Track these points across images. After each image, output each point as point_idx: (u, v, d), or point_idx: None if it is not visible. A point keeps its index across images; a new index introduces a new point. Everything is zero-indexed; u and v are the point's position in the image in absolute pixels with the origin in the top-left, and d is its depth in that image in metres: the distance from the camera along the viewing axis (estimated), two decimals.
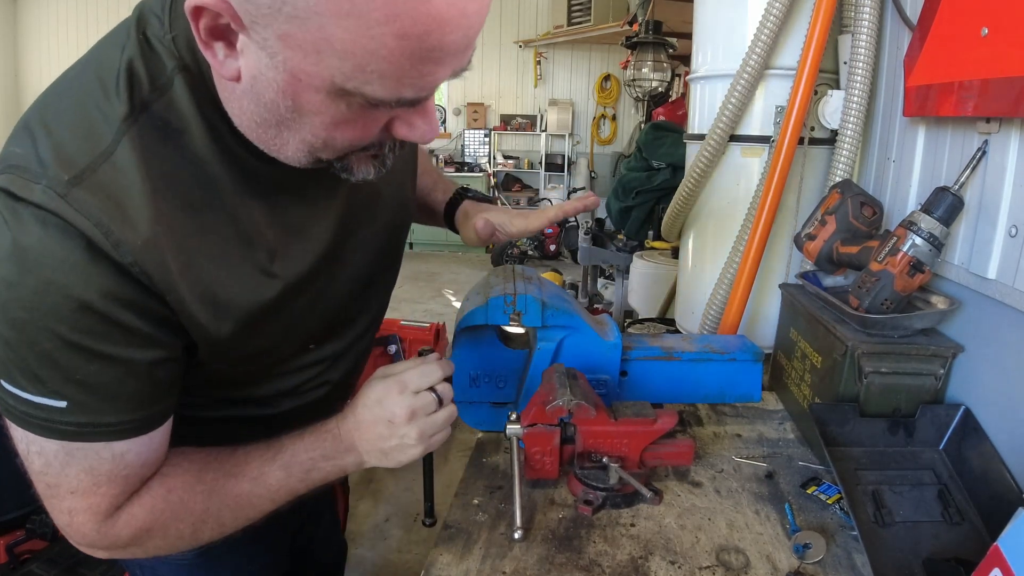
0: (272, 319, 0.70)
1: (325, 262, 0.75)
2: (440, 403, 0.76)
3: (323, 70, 0.49)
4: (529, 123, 8.26)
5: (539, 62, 8.12)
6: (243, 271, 0.66)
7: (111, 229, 0.55)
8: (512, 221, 0.99)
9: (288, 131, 0.57)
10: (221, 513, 0.70)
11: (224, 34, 0.51)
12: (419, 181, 1.04)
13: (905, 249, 0.94)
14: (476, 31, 0.51)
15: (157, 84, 0.59)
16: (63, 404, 0.58)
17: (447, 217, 1.08)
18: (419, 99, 0.55)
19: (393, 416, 0.73)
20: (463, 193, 1.08)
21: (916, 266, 0.94)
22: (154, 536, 0.68)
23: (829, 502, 0.90)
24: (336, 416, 0.77)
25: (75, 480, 0.61)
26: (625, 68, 5.22)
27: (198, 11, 0.49)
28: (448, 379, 0.79)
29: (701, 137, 1.53)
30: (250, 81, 0.53)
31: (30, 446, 0.60)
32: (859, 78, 1.28)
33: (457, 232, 1.07)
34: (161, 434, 0.66)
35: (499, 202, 7.73)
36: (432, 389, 0.76)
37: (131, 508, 0.66)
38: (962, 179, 0.94)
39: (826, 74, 1.41)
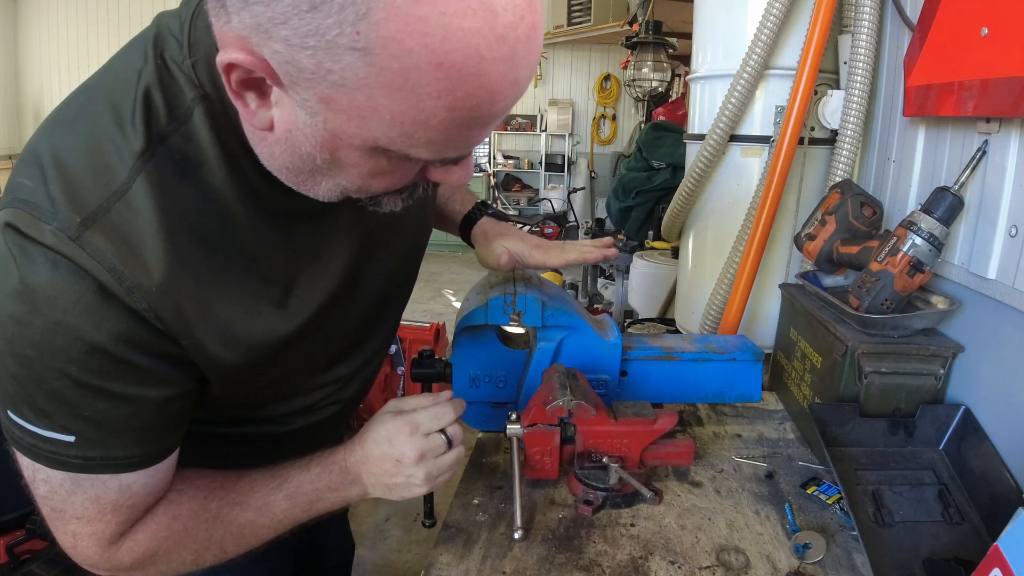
0: (287, 351, 0.69)
1: (342, 290, 0.73)
2: (449, 444, 0.76)
3: (367, 133, 0.48)
4: (529, 123, 8.25)
5: (539, 62, 8.12)
6: (259, 308, 0.64)
7: (124, 275, 0.53)
8: (531, 253, 1.02)
9: (323, 177, 0.56)
10: (224, 540, 0.70)
11: (258, 85, 0.49)
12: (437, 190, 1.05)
13: (905, 249, 0.94)
14: (523, 93, 0.51)
15: (176, 115, 0.56)
16: (71, 439, 0.57)
17: (463, 229, 1.09)
18: (461, 157, 0.56)
19: (402, 456, 0.73)
20: (482, 209, 1.09)
21: (916, 266, 0.94)
22: (157, 562, 0.67)
23: (829, 502, 0.90)
24: (344, 446, 0.76)
25: (80, 508, 0.61)
26: (625, 68, 5.22)
27: (231, 67, 0.47)
28: (459, 418, 0.78)
29: (701, 137, 1.53)
30: (285, 133, 0.51)
31: (36, 473, 0.60)
32: (859, 78, 1.28)
33: (470, 245, 1.08)
34: (168, 463, 0.66)
35: (500, 203, 7.72)
36: (442, 431, 0.76)
37: (135, 535, 0.65)
38: (962, 179, 0.94)
39: (826, 74, 1.41)
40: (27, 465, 0.59)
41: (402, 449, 0.73)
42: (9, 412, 0.57)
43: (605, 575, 0.76)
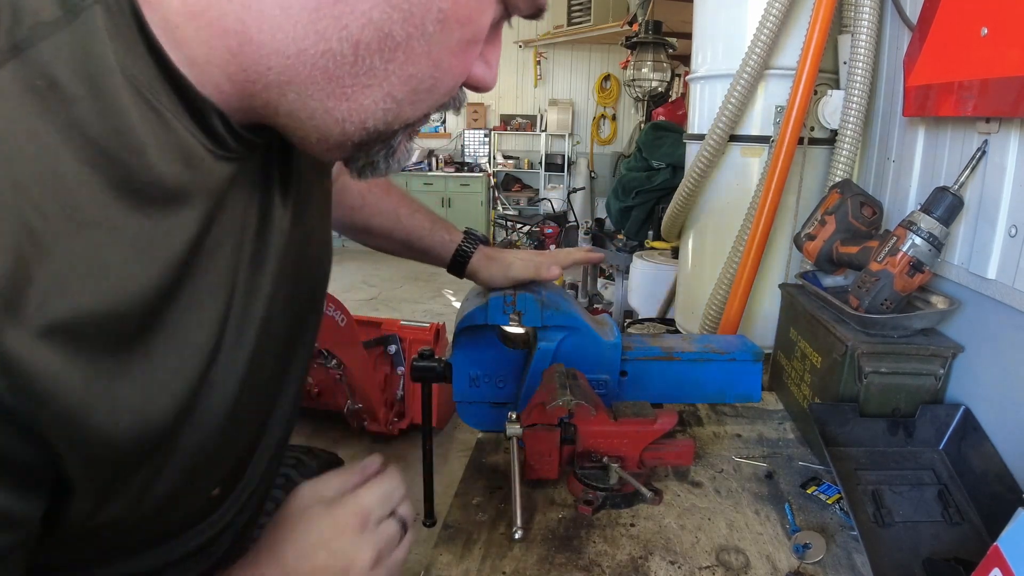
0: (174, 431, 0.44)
1: (261, 329, 0.51)
2: (404, 529, 0.59)
3: None
4: (529, 123, 8.25)
5: (539, 62, 8.12)
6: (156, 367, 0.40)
7: None
8: (549, 270, 1.06)
9: (374, 79, 0.40)
10: None
11: None
12: (412, 220, 1.04)
13: (905, 249, 0.94)
14: None
15: (52, 17, 0.34)
16: None
17: (457, 258, 1.06)
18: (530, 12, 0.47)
19: (351, 563, 0.53)
20: (475, 237, 1.08)
21: (916, 266, 0.94)
22: None
23: (829, 502, 0.90)
24: (247, 566, 0.52)
25: None
26: (625, 68, 5.22)
27: None
28: (405, 495, 0.62)
29: (701, 137, 1.53)
30: None
31: None
32: (859, 78, 1.28)
33: (460, 275, 1.08)
34: None
35: (500, 203, 7.70)
36: (392, 513, 0.58)
37: None
38: (962, 179, 0.94)
39: (826, 74, 1.41)
40: None
41: (350, 555, 0.53)
42: None
43: (605, 575, 0.76)
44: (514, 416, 0.89)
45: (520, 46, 7.94)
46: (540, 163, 8.22)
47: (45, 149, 0.33)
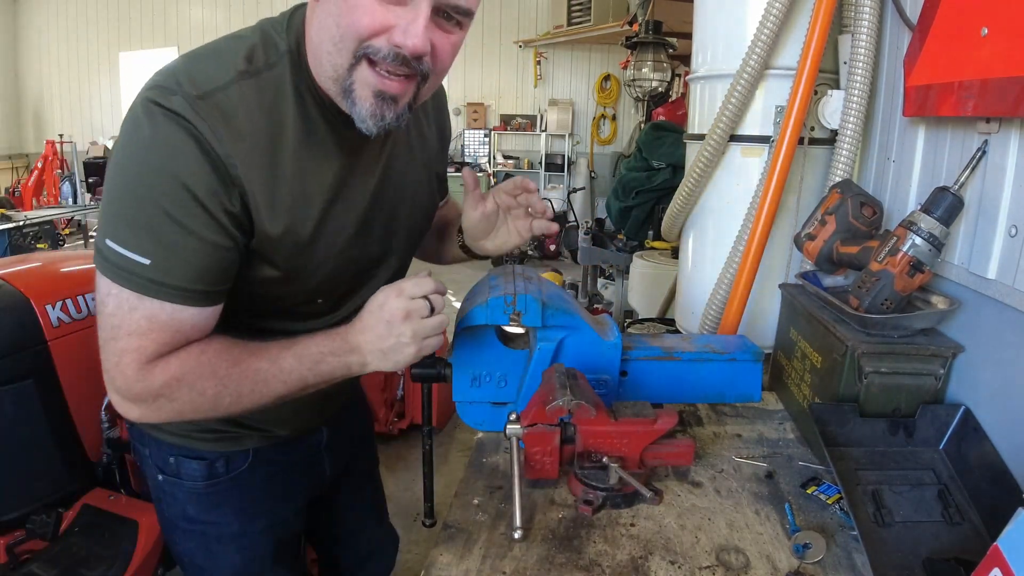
0: (313, 251, 0.87)
1: (360, 225, 0.92)
2: (432, 310, 0.85)
3: None
4: (529, 123, 8.26)
5: (539, 62, 8.13)
6: (297, 206, 0.83)
7: (223, 138, 0.74)
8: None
9: (347, 39, 0.74)
10: (240, 383, 0.81)
11: None
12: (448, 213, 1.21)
13: (905, 249, 0.94)
14: None
15: (270, 62, 0.80)
16: (147, 261, 0.74)
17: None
18: None
19: (391, 316, 0.83)
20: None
21: (916, 266, 0.94)
22: (182, 387, 0.79)
23: (829, 502, 0.90)
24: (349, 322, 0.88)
25: (135, 324, 0.76)
26: (625, 68, 5.23)
27: None
28: (441, 292, 0.87)
29: (701, 137, 1.53)
30: None
31: (110, 292, 0.76)
32: (859, 78, 1.28)
33: (468, 251, 1.11)
34: (211, 312, 0.81)
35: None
36: (426, 298, 0.84)
37: (168, 359, 0.78)
38: (962, 179, 0.94)
39: (826, 74, 1.41)
40: (104, 288, 0.76)
41: (390, 310, 0.83)
42: (107, 240, 0.75)
43: (605, 575, 0.76)
44: (514, 416, 0.89)
45: (520, 46, 7.94)
46: (540, 163, 8.22)
47: (269, 107, 0.80)
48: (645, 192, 3.22)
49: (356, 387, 1.28)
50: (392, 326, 0.82)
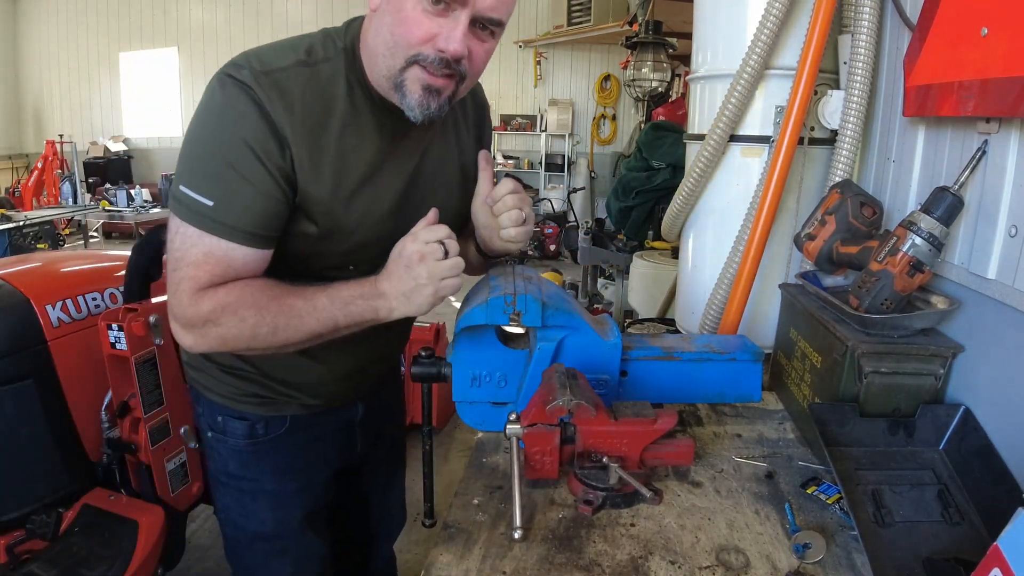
0: (349, 214, 0.98)
1: (396, 204, 1.03)
2: (446, 254, 0.92)
3: None
4: (529, 123, 8.26)
5: (539, 62, 8.13)
6: (340, 176, 0.96)
7: (279, 109, 0.88)
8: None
9: (397, 44, 0.88)
10: (277, 316, 0.91)
11: None
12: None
13: (905, 249, 0.94)
14: None
15: (327, 56, 0.95)
16: (211, 203, 0.88)
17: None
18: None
19: (408, 260, 0.91)
20: None
21: (916, 266, 0.94)
22: (226, 313, 0.89)
23: (829, 502, 0.90)
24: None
25: (194, 256, 0.89)
26: (625, 68, 5.23)
27: None
28: (453, 239, 0.94)
29: (701, 137, 1.53)
30: (378, 4, 0.90)
31: (179, 229, 0.90)
32: (859, 78, 1.28)
33: (482, 250, 1.13)
34: (259, 256, 0.93)
35: None
36: (440, 243, 0.92)
37: (217, 289, 0.90)
38: (962, 179, 0.94)
39: (826, 74, 1.41)
40: (174, 227, 0.90)
41: (408, 255, 0.92)
42: (181, 186, 0.89)
43: (605, 575, 0.76)
44: (514, 416, 0.89)
45: (520, 46, 7.94)
46: (540, 163, 8.22)
47: (321, 91, 0.94)
48: (645, 192, 3.22)
49: (395, 376, 1.42)
50: (410, 268, 0.91)
